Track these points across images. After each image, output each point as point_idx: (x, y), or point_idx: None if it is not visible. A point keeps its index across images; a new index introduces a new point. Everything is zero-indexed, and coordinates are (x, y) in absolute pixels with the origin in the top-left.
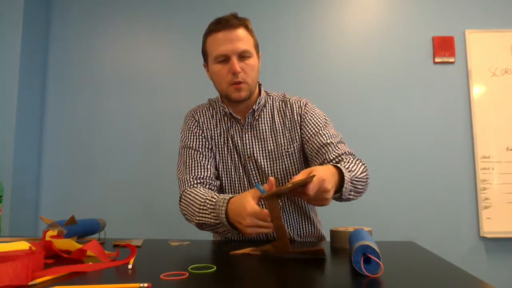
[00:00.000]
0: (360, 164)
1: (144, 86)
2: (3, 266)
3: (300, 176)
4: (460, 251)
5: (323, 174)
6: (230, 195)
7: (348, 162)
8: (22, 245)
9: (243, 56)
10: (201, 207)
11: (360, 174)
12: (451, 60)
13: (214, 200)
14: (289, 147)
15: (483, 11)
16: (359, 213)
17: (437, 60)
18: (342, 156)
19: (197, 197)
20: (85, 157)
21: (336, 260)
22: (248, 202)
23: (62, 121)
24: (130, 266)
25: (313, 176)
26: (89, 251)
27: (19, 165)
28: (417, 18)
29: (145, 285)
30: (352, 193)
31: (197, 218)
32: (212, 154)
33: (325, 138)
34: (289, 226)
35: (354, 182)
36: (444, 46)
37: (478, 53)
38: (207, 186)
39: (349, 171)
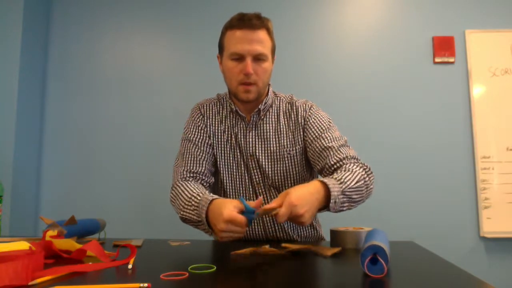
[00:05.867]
0: (359, 171)
1: (144, 86)
2: (3, 266)
3: (278, 200)
4: (460, 251)
5: (296, 199)
6: (215, 196)
7: (344, 170)
8: (22, 245)
9: (258, 58)
10: (187, 202)
11: (355, 183)
12: (451, 60)
13: (199, 198)
14: (291, 149)
15: (483, 11)
16: (359, 213)
17: (437, 60)
18: (344, 161)
19: (185, 191)
20: (85, 157)
21: (336, 260)
22: (226, 208)
23: (62, 121)
24: (130, 266)
25: (278, 209)
26: (89, 251)
27: (19, 165)
28: (417, 18)
29: (145, 285)
30: (346, 204)
31: (182, 212)
32: (211, 150)
33: (327, 141)
34: (290, 228)
35: (348, 193)
36: (444, 46)
37: (478, 53)
38: (199, 181)
39: (341, 183)
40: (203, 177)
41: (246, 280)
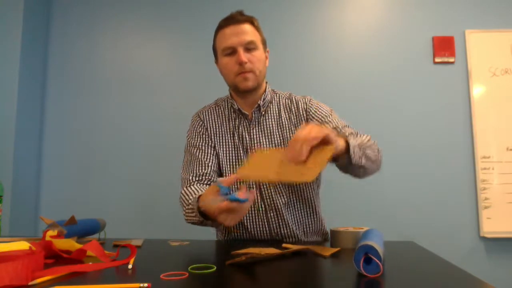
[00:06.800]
0: (365, 136)
1: (144, 86)
2: (3, 266)
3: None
4: (460, 251)
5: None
6: (200, 193)
7: (353, 136)
8: (22, 245)
9: (249, 48)
10: (188, 207)
11: (367, 142)
12: (451, 60)
13: (192, 200)
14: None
15: (483, 11)
16: (360, 213)
17: (437, 60)
18: (350, 136)
19: (186, 197)
20: (85, 157)
21: (336, 260)
22: (210, 207)
23: (62, 121)
24: (130, 266)
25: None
26: (89, 251)
27: (19, 165)
28: (417, 18)
29: (145, 285)
30: (364, 158)
31: (186, 218)
32: (214, 151)
33: (332, 125)
34: (294, 223)
35: (363, 148)
36: (444, 46)
37: (478, 53)
38: (205, 182)
39: (354, 139)
40: (209, 178)
41: (246, 280)
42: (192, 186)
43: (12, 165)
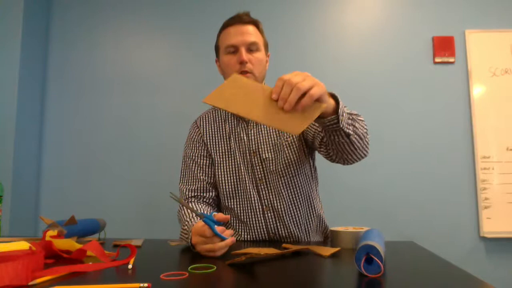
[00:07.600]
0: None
1: (144, 86)
2: (3, 266)
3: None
4: (460, 251)
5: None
6: (198, 221)
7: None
8: (22, 245)
9: (251, 49)
10: (184, 227)
11: (357, 117)
12: (451, 60)
13: (188, 226)
14: (288, 136)
15: (483, 11)
16: (360, 213)
17: (437, 60)
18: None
19: (184, 217)
20: (85, 157)
21: (336, 260)
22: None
23: (62, 121)
24: (130, 266)
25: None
26: (89, 251)
27: (19, 165)
28: (417, 18)
29: (145, 285)
30: (351, 127)
31: (180, 236)
32: (209, 161)
33: None
34: (295, 223)
35: (352, 117)
36: (444, 46)
37: (478, 53)
38: (201, 200)
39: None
40: (204, 193)
41: (246, 280)
42: (190, 204)
43: (12, 165)
